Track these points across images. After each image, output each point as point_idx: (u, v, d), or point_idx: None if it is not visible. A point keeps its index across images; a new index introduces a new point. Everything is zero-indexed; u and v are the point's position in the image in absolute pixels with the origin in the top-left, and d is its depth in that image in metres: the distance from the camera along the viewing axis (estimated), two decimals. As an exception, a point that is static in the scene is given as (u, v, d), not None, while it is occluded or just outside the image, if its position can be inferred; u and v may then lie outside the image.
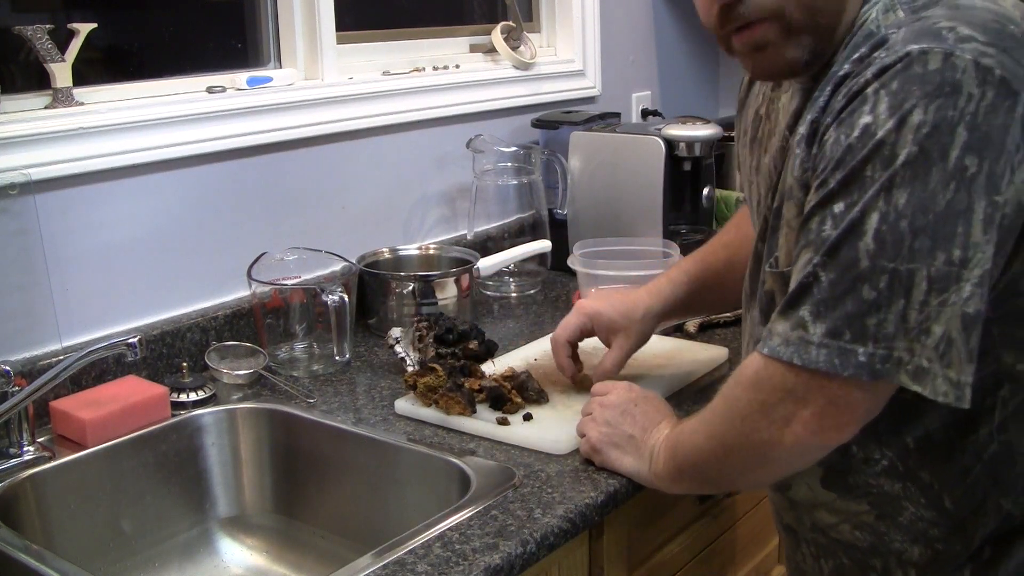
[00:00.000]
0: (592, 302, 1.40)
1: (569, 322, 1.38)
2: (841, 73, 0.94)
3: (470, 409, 1.32)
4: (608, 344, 1.38)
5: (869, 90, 0.88)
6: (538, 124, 2.06)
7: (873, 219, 0.87)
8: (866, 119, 0.88)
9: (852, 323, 0.88)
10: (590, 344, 1.41)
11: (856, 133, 0.88)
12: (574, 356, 1.40)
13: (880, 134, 0.87)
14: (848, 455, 1.02)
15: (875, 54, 0.91)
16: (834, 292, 0.89)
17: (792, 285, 0.93)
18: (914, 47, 0.87)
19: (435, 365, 1.35)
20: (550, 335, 1.42)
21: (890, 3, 0.96)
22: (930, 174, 0.85)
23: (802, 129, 0.98)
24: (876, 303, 0.87)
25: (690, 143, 1.88)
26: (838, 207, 0.89)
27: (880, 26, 0.94)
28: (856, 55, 0.93)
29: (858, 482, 1.03)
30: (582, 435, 1.23)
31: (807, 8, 0.96)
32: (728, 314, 1.66)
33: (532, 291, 1.93)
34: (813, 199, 0.92)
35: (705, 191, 1.97)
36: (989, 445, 0.97)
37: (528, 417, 1.31)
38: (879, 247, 0.87)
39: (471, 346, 1.41)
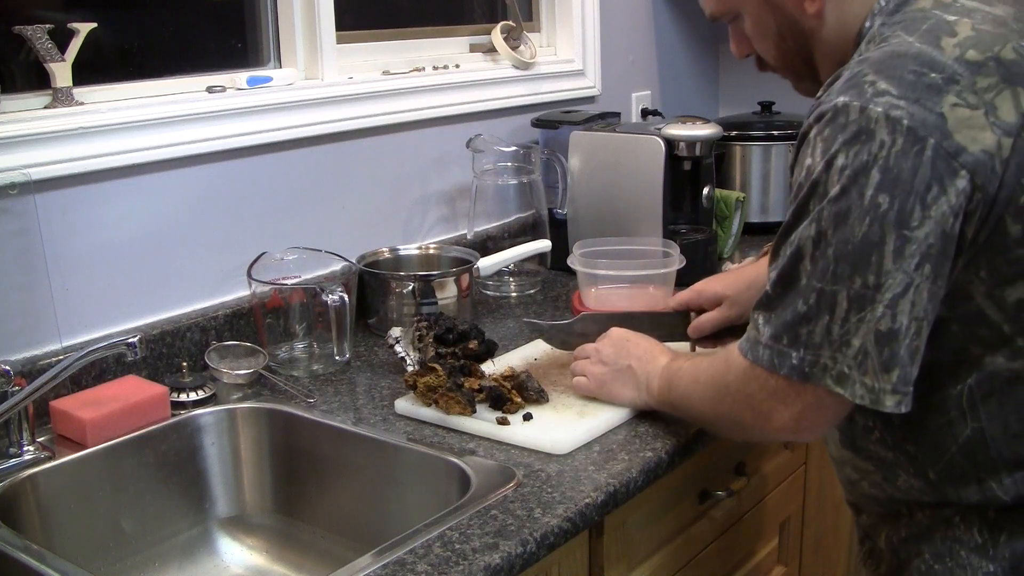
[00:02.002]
0: (703, 281, 1.49)
1: (680, 295, 1.51)
2: (813, 110, 1.06)
3: (470, 409, 1.32)
4: None
5: (812, 134, 1.03)
6: (538, 124, 2.06)
7: (809, 245, 1.01)
8: (808, 161, 1.02)
9: (788, 330, 1.03)
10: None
11: (803, 173, 1.03)
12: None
13: (815, 175, 1.01)
14: (853, 422, 1.13)
15: (824, 94, 1.04)
16: (777, 303, 1.04)
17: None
18: (840, 100, 1.00)
19: (435, 365, 1.35)
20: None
21: (874, 33, 1.08)
22: (851, 210, 0.98)
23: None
24: (807, 316, 1.01)
25: (690, 143, 1.88)
26: (791, 234, 1.03)
27: (852, 61, 1.06)
28: (828, 87, 1.06)
29: (863, 446, 1.14)
30: (581, 375, 1.36)
31: (784, 67, 1.21)
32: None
33: (532, 291, 1.93)
34: (782, 225, 1.06)
35: (705, 191, 1.97)
36: (963, 429, 1.05)
37: (528, 417, 1.32)
38: (812, 269, 1.01)
39: (471, 346, 1.41)
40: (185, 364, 1.46)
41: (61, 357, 1.34)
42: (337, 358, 1.52)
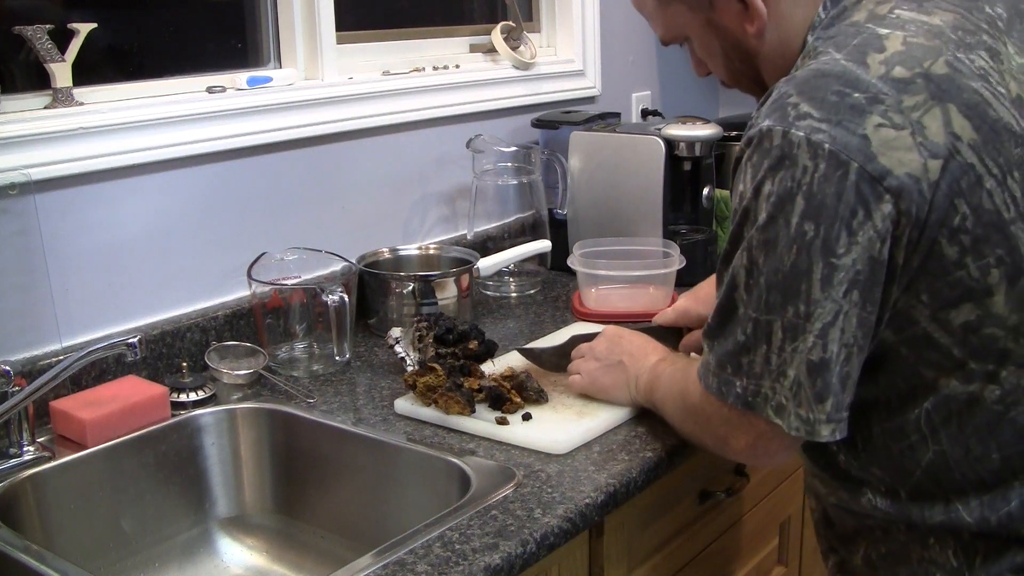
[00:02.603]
0: (684, 300, 1.47)
1: (666, 313, 1.49)
2: (746, 133, 1.04)
3: (469, 409, 1.32)
4: None
5: (743, 159, 1.01)
6: (538, 124, 2.06)
7: (742, 274, 1.00)
8: (740, 187, 1.01)
9: (732, 359, 1.02)
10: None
11: (737, 199, 1.02)
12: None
13: (746, 201, 1.00)
14: (817, 444, 1.09)
15: (755, 115, 1.02)
16: (720, 332, 1.04)
17: None
18: (765, 124, 0.98)
19: (435, 365, 1.35)
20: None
21: (809, 48, 1.06)
22: (779, 238, 0.96)
23: None
24: (746, 346, 1.01)
25: (690, 143, 1.88)
26: (729, 262, 1.02)
27: (780, 80, 1.03)
28: (759, 108, 1.04)
29: (834, 464, 1.11)
30: (576, 373, 1.37)
31: (738, 86, 1.20)
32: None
33: (532, 291, 1.93)
34: (722, 252, 1.05)
35: (705, 191, 1.97)
36: (925, 453, 1.02)
37: (527, 417, 1.32)
38: (748, 299, 1.00)
39: (471, 346, 1.41)
40: (185, 364, 1.46)
41: (61, 357, 1.34)
42: (337, 358, 1.52)
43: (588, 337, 1.43)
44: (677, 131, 1.88)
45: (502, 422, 1.30)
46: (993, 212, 0.96)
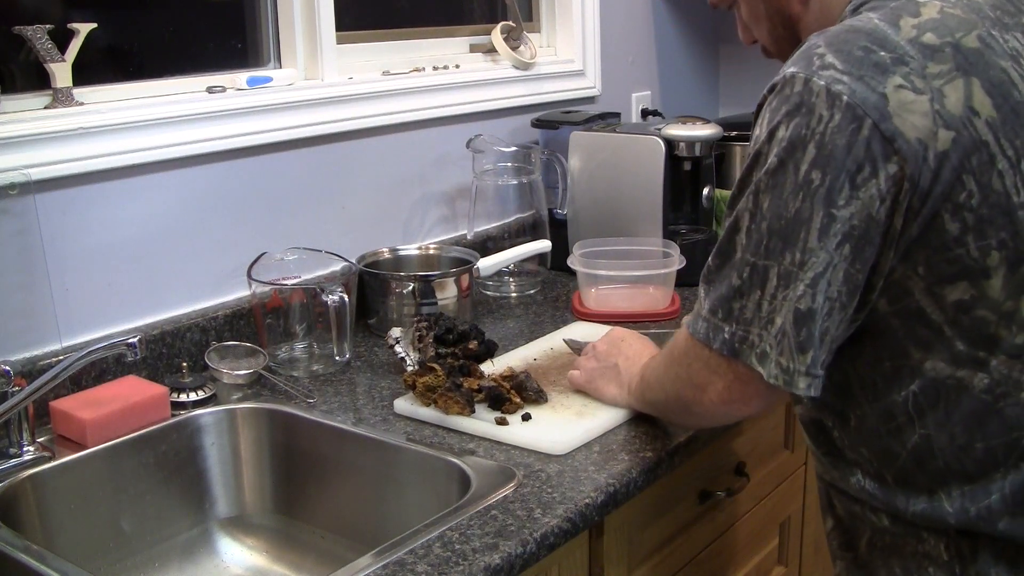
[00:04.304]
0: None
1: None
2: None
3: (468, 409, 1.32)
4: None
5: (764, 105, 1.02)
6: (538, 124, 2.06)
7: (746, 218, 1.00)
8: (757, 131, 1.02)
9: (724, 304, 1.02)
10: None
11: (752, 143, 1.02)
12: None
13: (759, 145, 1.00)
14: (815, 420, 1.12)
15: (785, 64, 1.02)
16: (716, 276, 1.04)
17: None
18: (789, 71, 0.99)
19: (434, 365, 1.35)
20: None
21: (849, 15, 1.06)
22: (785, 184, 0.97)
23: None
24: (740, 290, 1.00)
25: (690, 143, 1.88)
26: (736, 204, 1.02)
27: (822, 30, 1.04)
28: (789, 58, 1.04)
29: (822, 439, 1.12)
30: (575, 370, 1.39)
31: (779, 53, 1.17)
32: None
33: (532, 291, 1.93)
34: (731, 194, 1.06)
35: (705, 191, 1.97)
36: (911, 436, 1.02)
37: (527, 417, 1.32)
38: (748, 243, 1.00)
39: (471, 346, 1.41)
40: (185, 364, 1.46)
41: (61, 357, 1.34)
42: (337, 358, 1.52)
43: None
44: (677, 131, 1.88)
45: (502, 422, 1.30)
46: (1002, 194, 0.95)
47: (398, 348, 1.47)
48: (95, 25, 1.45)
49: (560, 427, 1.29)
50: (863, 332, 1.02)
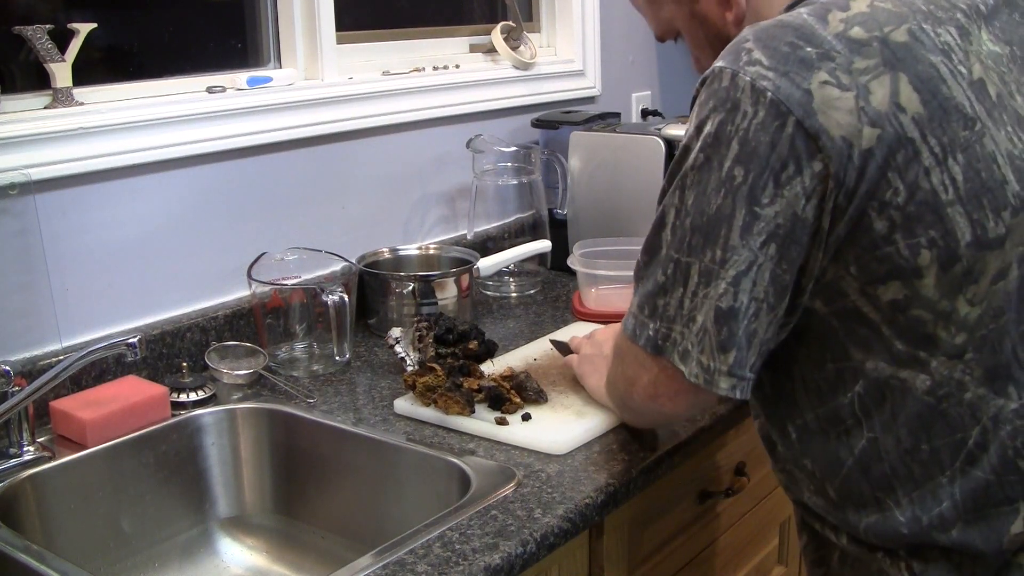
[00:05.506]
0: None
1: None
2: None
3: (468, 409, 1.32)
4: None
5: (696, 96, 1.01)
6: (538, 124, 2.06)
7: (671, 214, 1.00)
8: (688, 124, 1.01)
9: (649, 301, 1.02)
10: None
11: (684, 136, 1.01)
12: None
13: (686, 139, 1.00)
14: (765, 434, 1.13)
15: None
16: (644, 272, 1.03)
17: None
18: (718, 64, 0.98)
19: (434, 365, 1.35)
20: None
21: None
22: (709, 180, 0.96)
23: None
24: (664, 287, 1.00)
25: (690, 143, 1.88)
26: (662, 200, 1.02)
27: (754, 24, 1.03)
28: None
29: (776, 457, 1.12)
30: (575, 355, 1.40)
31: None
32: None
33: (532, 291, 1.93)
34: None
35: (705, 191, 1.97)
36: (858, 440, 1.01)
37: (527, 417, 1.32)
38: (672, 239, 0.99)
39: (471, 346, 1.41)
40: (185, 364, 1.46)
41: (61, 357, 1.34)
42: (337, 358, 1.52)
43: None
44: (677, 131, 1.88)
45: (501, 422, 1.30)
46: (929, 192, 0.93)
47: (398, 348, 1.47)
48: (95, 25, 1.45)
49: (560, 427, 1.29)
50: (803, 334, 1.01)
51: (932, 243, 0.94)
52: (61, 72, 1.41)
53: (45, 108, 1.41)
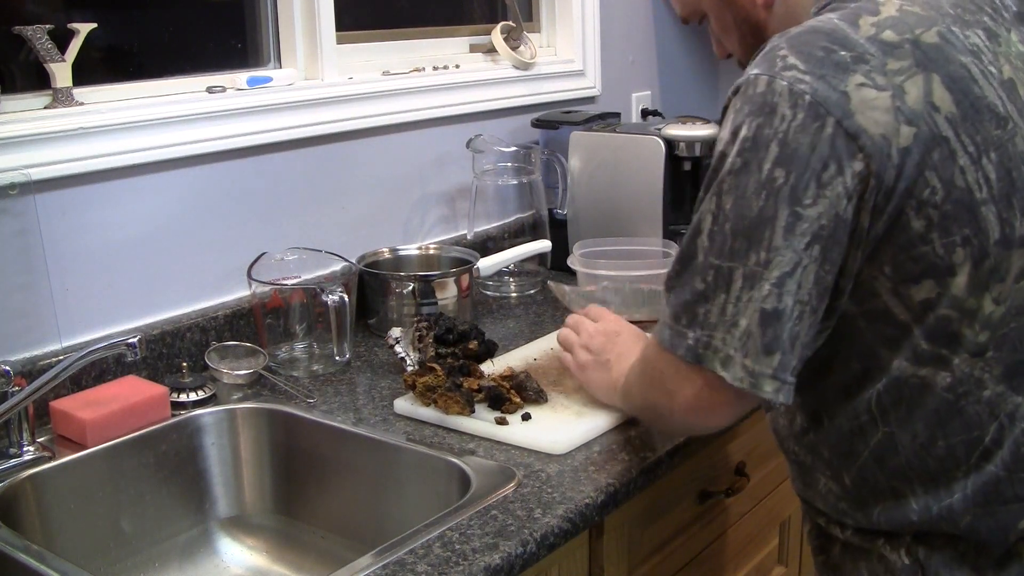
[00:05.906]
0: None
1: None
2: None
3: (468, 409, 1.32)
4: None
5: (729, 105, 1.02)
6: (538, 124, 2.06)
7: (708, 220, 0.99)
8: (722, 131, 1.01)
9: (687, 310, 1.00)
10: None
11: (718, 144, 1.01)
12: None
13: (722, 146, 1.00)
14: (776, 421, 1.13)
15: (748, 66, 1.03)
16: (679, 281, 1.02)
17: None
18: (752, 72, 0.99)
19: (434, 365, 1.35)
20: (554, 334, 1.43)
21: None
22: (748, 183, 0.96)
23: None
24: (704, 294, 0.98)
25: (690, 143, 1.88)
26: (698, 208, 1.01)
27: (784, 31, 1.04)
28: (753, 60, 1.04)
29: (787, 447, 1.14)
30: (568, 352, 1.37)
31: (750, 58, 1.08)
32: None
33: (532, 291, 1.93)
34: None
35: (705, 191, 1.97)
36: (874, 433, 1.02)
37: (527, 417, 1.32)
38: (710, 245, 0.98)
39: (471, 346, 1.41)
40: (185, 364, 1.46)
41: (61, 357, 1.34)
42: (337, 358, 1.52)
43: (620, 292, 1.41)
44: (677, 131, 1.88)
45: (501, 422, 1.30)
46: (964, 190, 0.95)
47: (398, 348, 1.47)
48: (95, 25, 1.45)
49: (560, 427, 1.29)
50: (832, 338, 1.02)
51: (966, 241, 0.95)
52: (61, 72, 1.41)
53: (45, 108, 1.41)
